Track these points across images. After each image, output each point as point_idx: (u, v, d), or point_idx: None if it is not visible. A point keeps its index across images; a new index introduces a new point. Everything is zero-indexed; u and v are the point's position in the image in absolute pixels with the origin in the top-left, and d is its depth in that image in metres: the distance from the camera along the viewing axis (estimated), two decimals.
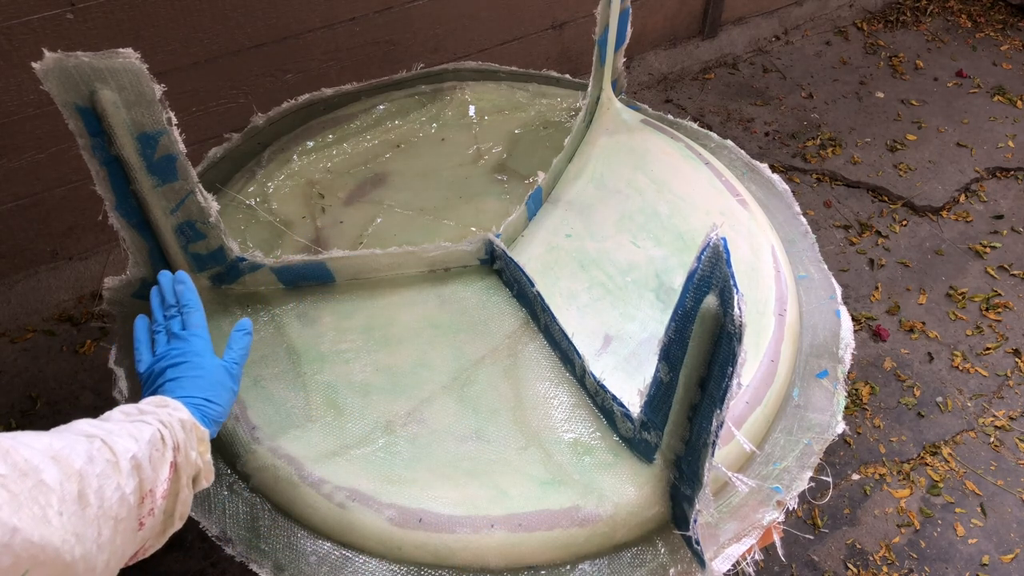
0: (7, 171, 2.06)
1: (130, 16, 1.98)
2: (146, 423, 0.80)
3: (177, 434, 0.82)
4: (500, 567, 1.05)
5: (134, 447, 0.75)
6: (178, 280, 1.06)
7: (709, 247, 0.84)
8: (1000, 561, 1.92)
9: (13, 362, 2.20)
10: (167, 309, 1.03)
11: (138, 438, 0.76)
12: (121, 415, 0.82)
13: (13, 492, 0.59)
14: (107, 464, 0.70)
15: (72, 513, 0.64)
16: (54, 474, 0.64)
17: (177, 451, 0.81)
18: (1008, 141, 3.10)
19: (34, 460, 0.63)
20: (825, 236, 2.70)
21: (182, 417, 0.85)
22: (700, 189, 1.52)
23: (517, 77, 1.83)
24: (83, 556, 0.64)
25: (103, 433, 0.74)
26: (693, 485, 0.99)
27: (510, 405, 1.19)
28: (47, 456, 0.65)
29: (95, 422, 0.77)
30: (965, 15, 3.80)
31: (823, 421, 1.24)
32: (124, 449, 0.73)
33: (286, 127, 1.65)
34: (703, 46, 3.39)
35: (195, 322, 1.01)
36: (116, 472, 0.71)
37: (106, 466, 0.70)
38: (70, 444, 0.68)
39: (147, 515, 0.75)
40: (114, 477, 0.70)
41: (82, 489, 0.66)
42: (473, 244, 1.35)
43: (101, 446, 0.71)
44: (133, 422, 0.79)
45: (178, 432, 0.82)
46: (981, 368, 2.33)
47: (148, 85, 1.05)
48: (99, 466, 0.69)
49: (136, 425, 0.78)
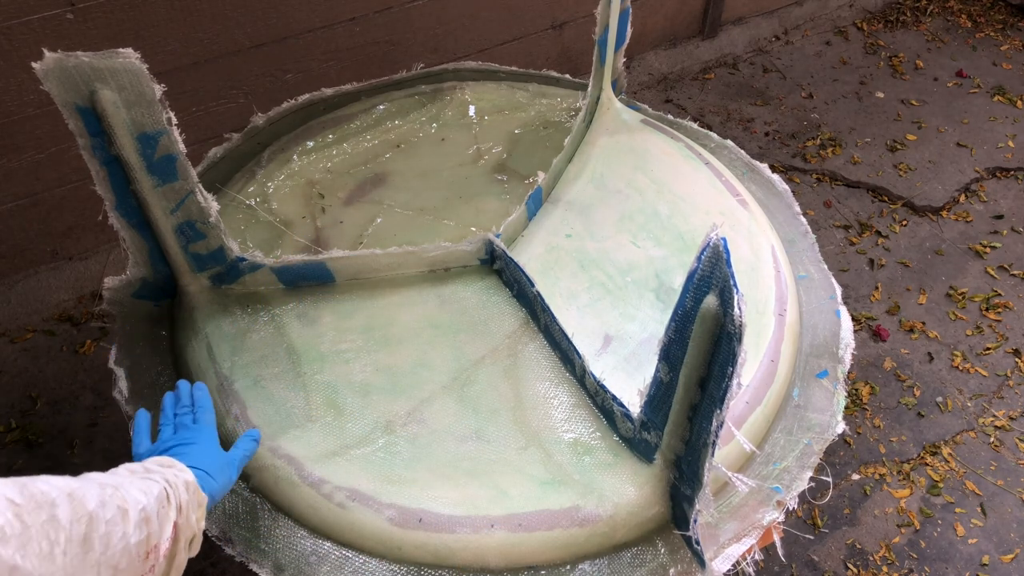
0: (7, 171, 2.06)
1: (130, 16, 1.98)
2: (153, 480, 0.80)
3: (180, 495, 0.83)
4: (500, 567, 1.05)
5: (144, 500, 0.76)
6: (197, 388, 1.07)
7: (709, 247, 0.84)
8: (1000, 561, 1.92)
9: (13, 362, 2.20)
10: (180, 408, 1.04)
11: (147, 492, 0.77)
12: (127, 472, 0.83)
13: (26, 524, 0.60)
14: (118, 511, 0.71)
15: (75, 555, 0.64)
16: (67, 512, 0.65)
17: (180, 512, 0.82)
18: (1008, 141, 3.10)
19: (51, 494, 0.64)
20: (825, 236, 2.70)
21: (187, 479, 0.86)
22: (700, 189, 1.52)
23: (517, 77, 1.83)
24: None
25: (116, 482, 0.74)
26: (693, 485, 0.99)
27: (510, 405, 1.19)
28: (64, 492, 0.66)
29: (106, 475, 0.78)
30: (965, 15, 3.80)
31: (823, 421, 1.24)
32: (135, 500, 0.74)
33: (286, 127, 1.65)
34: (703, 46, 3.39)
35: (206, 420, 1.02)
36: (125, 521, 0.72)
37: (116, 513, 0.71)
38: (85, 486, 0.69)
39: (149, 571, 0.76)
40: (122, 526, 0.71)
41: (88, 533, 0.67)
42: (473, 244, 1.35)
43: (114, 493, 0.72)
44: (141, 479, 0.80)
45: (182, 493, 0.83)
46: (981, 368, 2.32)
47: (148, 85, 1.05)
48: (110, 511, 0.70)
49: (144, 482, 0.79)
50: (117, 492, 0.73)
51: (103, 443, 2.03)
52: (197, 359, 1.23)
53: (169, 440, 0.97)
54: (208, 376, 1.21)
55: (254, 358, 1.23)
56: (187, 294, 1.29)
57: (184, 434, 0.99)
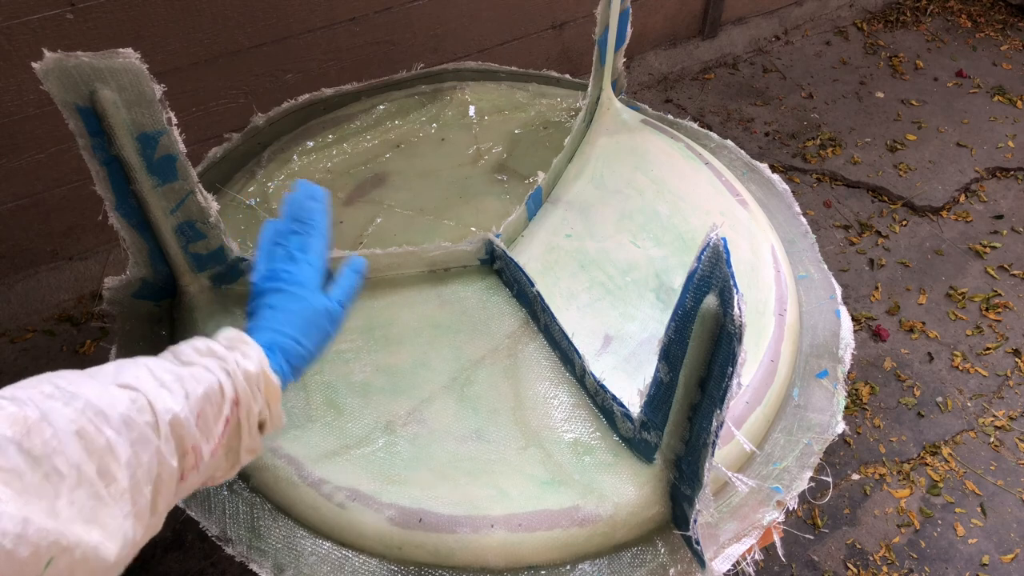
0: (7, 171, 2.07)
1: (130, 16, 1.98)
2: (208, 371, 0.74)
3: (240, 385, 0.76)
4: (500, 567, 1.05)
5: (178, 406, 0.69)
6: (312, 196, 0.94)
7: (709, 247, 0.84)
8: (1000, 561, 1.92)
9: (13, 362, 2.20)
10: (292, 223, 0.92)
11: (189, 393, 0.71)
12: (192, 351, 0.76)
13: (24, 484, 0.56)
14: (145, 427, 0.66)
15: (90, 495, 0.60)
16: (73, 455, 0.60)
17: (237, 405, 0.76)
18: (1008, 141, 3.10)
19: (53, 441, 0.59)
20: (825, 236, 2.70)
21: (248, 369, 0.77)
22: (700, 189, 1.52)
23: (517, 77, 1.83)
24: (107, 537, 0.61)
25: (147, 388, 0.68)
26: (693, 485, 0.99)
27: (510, 405, 1.19)
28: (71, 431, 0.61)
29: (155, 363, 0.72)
30: (965, 15, 3.80)
31: (823, 421, 1.24)
32: (165, 409, 0.68)
33: (286, 127, 1.65)
34: (703, 46, 3.39)
35: (314, 247, 0.91)
36: (156, 436, 0.66)
37: (144, 429, 0.66)
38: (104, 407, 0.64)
39: (191, 468, 0.71)
40: (153, 442, 0.66)
41: (105, 466, 0.62)
42: (473, 244, 1.35)
43: (143, 406, 0.67)
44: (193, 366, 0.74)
45: (240, 383, 0.76)
46: (981, 368, 2.33)
47: (148, 85, 1.04)
48: (136, 431, 0.65)
49: (194, 370, 0.73)
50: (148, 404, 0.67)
51: None
52: None
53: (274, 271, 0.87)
54: None
55: None
56: (187, 294, 1.29)
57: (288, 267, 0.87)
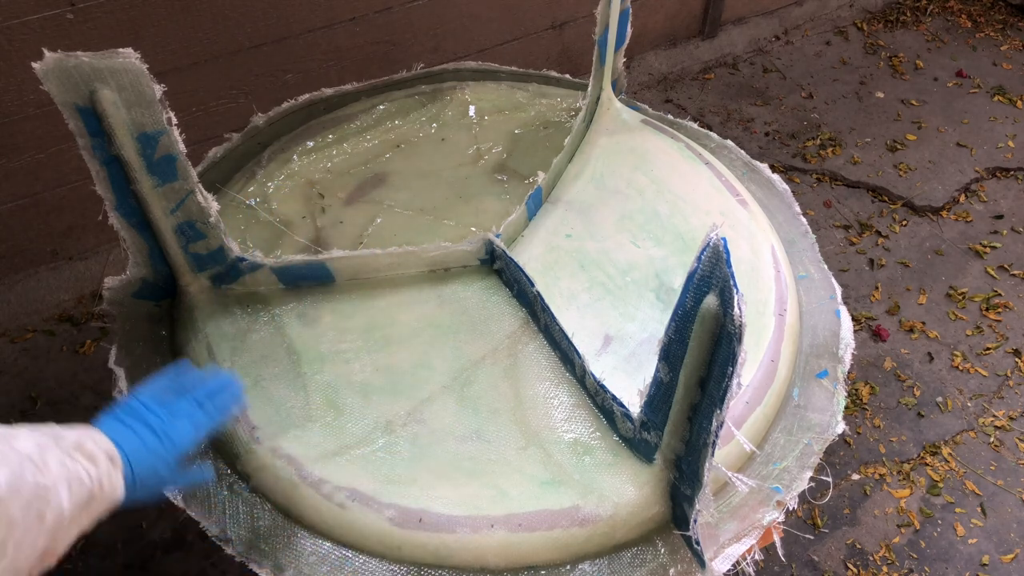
0: (7, 171, 2.06)
1: (130, 16, 1.98)
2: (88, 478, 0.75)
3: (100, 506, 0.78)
4: (500, 567, 1.05)
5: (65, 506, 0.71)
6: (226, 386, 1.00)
7: (709, 247, 0.84)
8: (1000, 561, 1.92)
9: (13, 362, 2.20)
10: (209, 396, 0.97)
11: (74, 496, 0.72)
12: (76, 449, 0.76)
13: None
14: (36, 517, 0.68)
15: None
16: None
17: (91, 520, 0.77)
18: (1008, 141, 3.10)
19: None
20: (825, 236, 2.70)
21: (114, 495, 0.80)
22: (700, 189, 1.52)
23: (517, 77, 1.83)
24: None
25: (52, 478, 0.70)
26: (693, 485, 0.99)
27: (510, 405, 1.19)
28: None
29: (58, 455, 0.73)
30: (965, 15, 3.80)
31: (823, 421, 1.24)
32: (55, 507, 0.70)
33: (286, 127, 1.65)
34: (703, 46, 3.39)
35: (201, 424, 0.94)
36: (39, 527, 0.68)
37: (34, 519, 0.68)
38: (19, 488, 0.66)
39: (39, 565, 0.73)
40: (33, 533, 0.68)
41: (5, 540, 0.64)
42: (473, 244, 1.35)
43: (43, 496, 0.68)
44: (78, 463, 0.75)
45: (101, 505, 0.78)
46: (981, 368, 2.32)
47: (148, 85, 1.05)
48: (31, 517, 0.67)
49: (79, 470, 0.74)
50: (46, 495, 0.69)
51: None
52: (197, 359, 1.23)
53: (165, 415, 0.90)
54: None
55: (254, 358, 1.23)
56: (187, 294, 1.29)
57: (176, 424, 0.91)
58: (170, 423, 0.90)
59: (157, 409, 0.91)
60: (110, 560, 1.83)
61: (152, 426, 0.89)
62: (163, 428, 0.89)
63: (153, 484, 0.88)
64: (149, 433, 0.88)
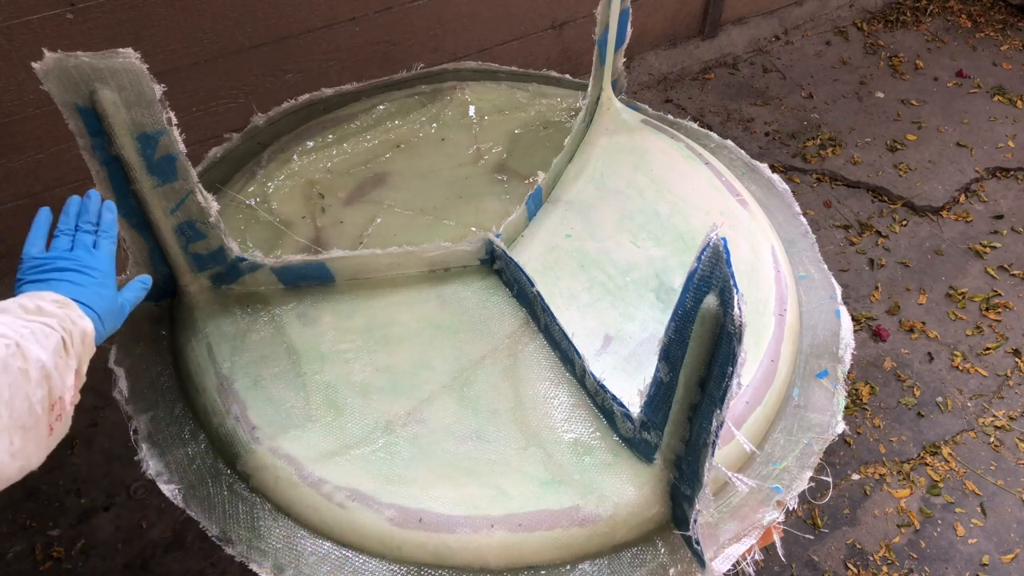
0: (7, 171, 2.06)
1: (130, 16, 1.98)
2: (50, 328, 0.78)
3: (77, 345, 0.81)
4: (500, 567, 1.05)
5: (44, 356, 0.74)
6: (107, 207, 1.01)
7: (709, 247, 0.84)
8: (1000, 561, 1.92)
9: None
10: (83, 221, 0.98)
11: (44, 345, 0.75)
12: (20, 309, 0.79)
13: None
14: (19, 373, 0.70)
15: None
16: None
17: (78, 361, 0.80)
18: (1008, 141, 3.10)
19: None
20: (825, 236, 2.70)
21: (85, 329, 0.83)
22: (700, 189, 1.52)
23: (517, 77, 1.83)
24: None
25: (17, 336, 0.72)
26: (693, 485, 0.99)
27: (510, 405, 1.19)
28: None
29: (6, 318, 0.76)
30: (965, 15, 3.80)
31: (823, 421, 1.24)
32: (35, 358, 0.73)
33: (286, 127, 1.65)
34: (703, 46, 3.39)
35: (107, 248, 0.97)
36: (27, 381, 0.71)
37: (18, 375, 0.70)
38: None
39: (56, 420, 0.76)
40: (24, 386, 0.70)
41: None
42: (473, 244, 1.35)
43: (16, 352, 0.71)
44: (35, 322, 0.77)
45: (78, 343, 0.81)
46: (981, 368, 2.32)
47: (148, 85, 1.05)
48: (12, 375, 0.69)
49: (40, 327, 0.77)
50: (19, 350, 0.71)
51: (103, 443, 2.03)
52: (197, 359, 1.23)
53: (64, 256, 0.92)
54: (208, 376, 1.21)
55: (254, 358, 1.23)
56: (187, 294, 1.29)
57: (81, 255, 0.93)
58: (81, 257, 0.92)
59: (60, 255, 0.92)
60: (110, 560, 1.83)
61: (69, 267, 0.91)
62: (80, 264, 0.91)
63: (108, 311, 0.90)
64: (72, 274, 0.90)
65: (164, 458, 1.14)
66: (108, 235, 0.98)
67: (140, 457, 1.14)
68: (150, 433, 1.17)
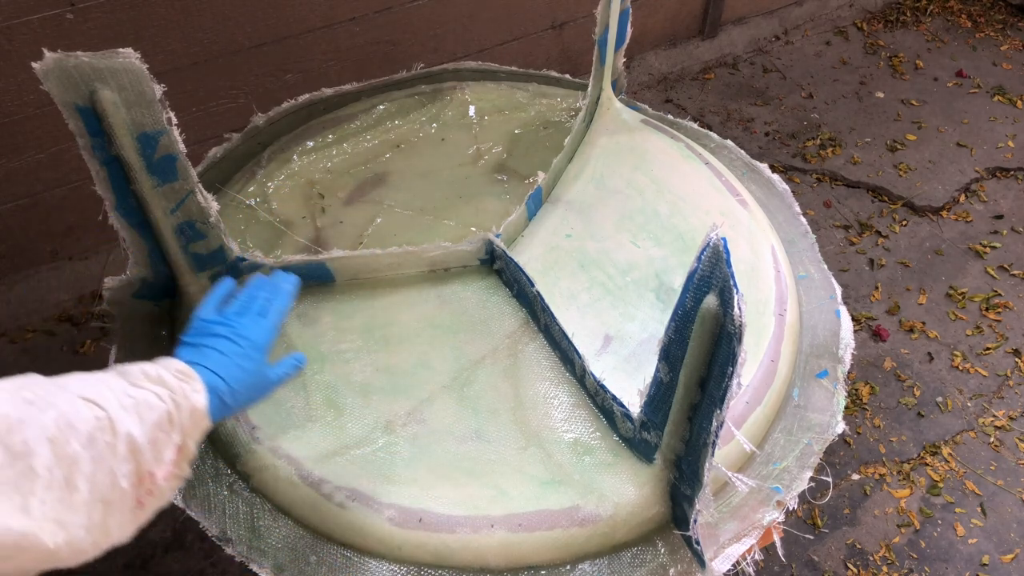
0: (7, 171, 2.06)
1: (130, 16, 1.98)
2: (160, 400, 0.77)
3: (184, 420, 0.80)
4: (500, 567, 1.05)
5: (136, 430, 0.72)
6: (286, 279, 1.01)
7: (709, 247, 0.84)
8: (1000, 561, 1.92)
9: (13, 362, 2.20)
10: (260, 292, 0.99)
11: (143, 418, 0.74)
12: (141, 375, 0.78)
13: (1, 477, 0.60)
14: (105, 447, 0.69)
15: (57, 500, 0.63)
16: (46, 458, 0.63)
17: (184, 435, 0.79)
18: (1008, 141, 3.10)
19: (31, 443, 0.63)
20: (825, 236, 2.70)
21: (196, 404, 0.82)
22: (700, 189, 1.52)
23: (517, 77, 1.83)
24: (68, 541, 0.64)
25: (113, 409, 0.72)
26: (693, 485, 0.99)
27: (510, 405, 1.19)
28: (44, 437, 0.64)
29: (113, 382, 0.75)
30: (965, 15, 3.80)
31: (823, 421, 1.24)
32: (125, 432, 0.71)
33: (286, 127, 1.65)
34: (703, 46, 3.39)
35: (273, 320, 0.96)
36: (112, 456, 0.70)
37: (104, 449, 0.69)
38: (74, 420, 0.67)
39: (146, 495, 0.74)
40: (108, 461, 0.69)
41: (70, 475, 0.65)
42: (473, 244, 1.35)
43: (106, 426, 0.70)
44: (146, 391, 0.77)
45: (186, 418, 0.80)
46: (981, 368, 2.33)
47: (148, 85, 1.05)
48: (97, 449, 0.68)
49: (147, 398, 0.76)
50: (109, 423, 0.70)
51: None
52: None
53: (225, 321, 0.92)
54: None
55: None
56: (187, 294, 1.29)
57: (243, 322, 0.92)
58: (240, 324, 0.92)
59: (222, 318, 0.93)
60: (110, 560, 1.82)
61: (223, 334, 0.90)
62: (235, 331, 0.91)
63: (248, 385, 0.89)
64: (223, 341, 0.90)
65: None
66: (279, 307, 0.98)
67: None
68: None
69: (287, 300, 0.99)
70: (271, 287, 0.99)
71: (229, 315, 0.94)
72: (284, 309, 0.98)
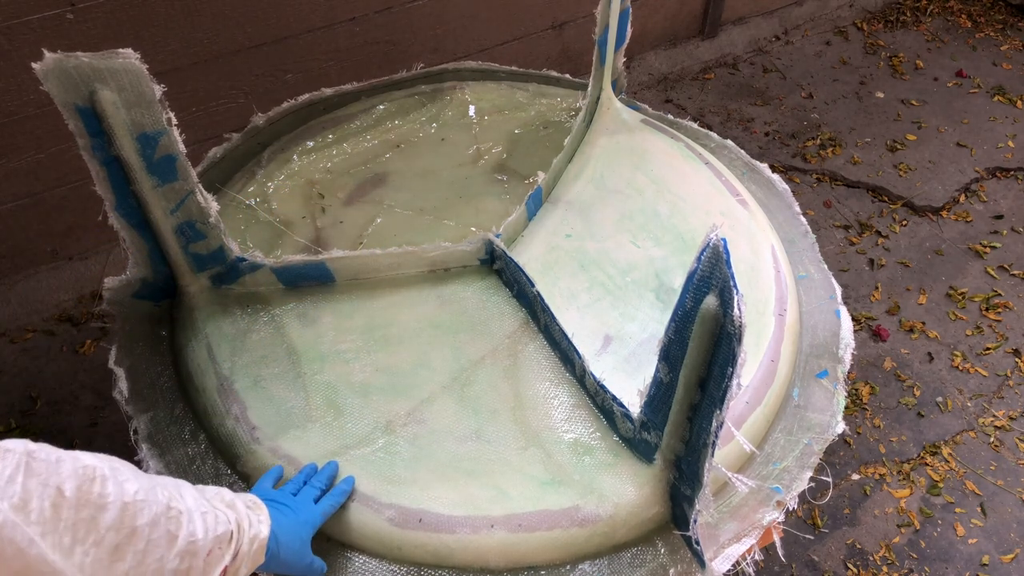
0: (7, 171, 2.06)
1: (130, 16, 1.98)
2: (227, 519, 0.80)
3: (243, 544, 0.82)
4: (500, 567, 1.05)
5: (200, 534, 0.75)
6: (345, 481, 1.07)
7: (709, 247, 0.84)
8: (1000, 561, 1.92)
9: (13, 362, 2.20)
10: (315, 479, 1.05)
11: (209, 527, 0.77)
12: (216, 496, 0.83)
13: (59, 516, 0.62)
14: (166, 535, 0.71)
15: (100, 559, 0.65)
16: (111, 519, 0.66)
17: (235, 559, 0.81)
18: (1008, 141, 3.10)
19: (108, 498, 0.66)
20: (825, 236, 2.70)
21: (259, 535, 0.85)
22: (700, 189, 1.52)
23: (517, 77, 1.83)
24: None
25: (185, 511, 0.75)
26: (693, 485, 0.99)
27: (510, 405, 1.19)
28: (121, 500, 0.67)
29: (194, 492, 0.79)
30: (965, 15, 3.80)
31: (823, 421, 1.24)
32: (188, 532, 0.74)
33: (286, 127, 1.65)
34: (703, 46, 3.39)
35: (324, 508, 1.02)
36: (168, 546, 0.72)
37: (163, 536, 0.71)
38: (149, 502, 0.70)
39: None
40: (162, 549, 0.71)
41: (123, 544, 0.67)
42: (473, 244, 1.35)
43: (175, 516, 0.73)
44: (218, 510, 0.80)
45: (244, 544, 0.82)
46: (981, 368, 2.32)
47: (148, 85, 1.04)
48: (158, 532, 0.70)
49: (218, 515, 0.80)
50: (178, 517, 0.73)
51: (103, 443, 2.03)
52: (197, 359, 1.23)
53: (281, 496, 0.99)
54: (208, 376, 1.21)
55: (254, 358, 1.23)
56: (187, 294, 1.29)
57: (297, 501, 0.99)
58: (296, 504, 0.98)
59: (282, 495, 0.99)
60: None
61: (282, 500, 0.97)
62: (293, 506, 0.97)
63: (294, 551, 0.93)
64: (283, 507, 0.96)
65: (164, 458, 1.14)
66: (333, 499, 1.03)
67: (140, 457, 1.14)
68: (150, 433, 1.17)
69: (340, 499, 1.05)
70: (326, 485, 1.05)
71: (285, 493, 1.00)
72: (336, 504, 1.04)
